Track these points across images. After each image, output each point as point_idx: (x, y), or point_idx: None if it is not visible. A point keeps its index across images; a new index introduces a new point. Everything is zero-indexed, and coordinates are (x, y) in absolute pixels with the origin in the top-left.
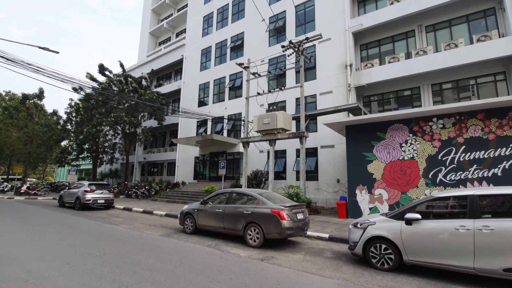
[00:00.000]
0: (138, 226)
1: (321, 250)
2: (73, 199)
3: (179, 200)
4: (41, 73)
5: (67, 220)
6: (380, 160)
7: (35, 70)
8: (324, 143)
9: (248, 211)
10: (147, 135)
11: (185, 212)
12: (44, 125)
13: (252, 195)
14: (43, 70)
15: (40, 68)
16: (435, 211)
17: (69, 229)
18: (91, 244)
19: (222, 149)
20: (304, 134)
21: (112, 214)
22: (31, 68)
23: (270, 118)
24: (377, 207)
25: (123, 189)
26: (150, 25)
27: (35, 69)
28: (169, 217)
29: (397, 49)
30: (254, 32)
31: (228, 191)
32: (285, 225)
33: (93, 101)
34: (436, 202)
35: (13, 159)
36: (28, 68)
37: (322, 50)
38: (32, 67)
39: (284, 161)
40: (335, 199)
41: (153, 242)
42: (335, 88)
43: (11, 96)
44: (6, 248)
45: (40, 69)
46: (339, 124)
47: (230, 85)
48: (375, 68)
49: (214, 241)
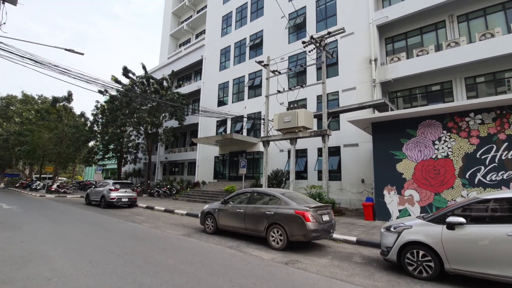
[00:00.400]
0: (160, 225)
1: (349, 255)
2: (98, 197)
3: (199, 200)
4: (67, 74)
5: (92, 218)
6: (410, 159)
7: (62, 71)
8: (347, 142)
9: (270, 211)
10: (168, 135)
11: (206, 211)
12: (72, 127)
13: (274, 195)
14: (69, 72)
15: (66, 70)
16: (482, 214)
17: (93, 227)
18: (113, 243)
19: (242, 148)
20: (327, 132)
21: (135, 213)
22: (57, 69)
23: (291, 116)
24: (408, 209)
25: (146, 188)
26: (170, 27)
27: (62, 70)
28: (190, 216)
29: (425, 42)
30: (274, 29)
31: (249, 191)
32: (310, 227)
33: (117, 102)
34: (483, 205)
35: (45, 159)
36: (55, 69)
37: (345, 45)
38: (59, 68)
39: (305, 160)
40: (359, 200)
41: (174, 242)
42: (359, 84)
43: (43, 99)
44: (36, 245)
45: (66, 71)
46: (365, 121)
47: (249, 84)
48: (402, 62)
49: (235, 242)
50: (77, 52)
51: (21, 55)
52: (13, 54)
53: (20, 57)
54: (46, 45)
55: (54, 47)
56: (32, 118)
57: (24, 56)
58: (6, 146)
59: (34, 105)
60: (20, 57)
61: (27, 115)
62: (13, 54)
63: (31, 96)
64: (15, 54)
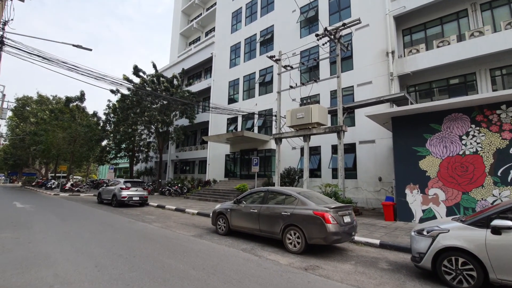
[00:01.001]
0: (170, 225)
1: (374, 260)
2: (110, 196)
3: (210, 198)
4: (76, 71)
5: (102, 217)
6: (434, 156)
7: (70, 68)
8: (363, 138)
9: (286, 212)
10: (179, 134)
11: (218, 211)
12: (85, 126)
13: (290, 194)
14: (78, 68)
15: (75, 66)
16: None
17: (103, 226)
18: (122, 244)
19: (253, 146)
20: (342, 128)
21: (145, 212)
22: (66, 66)
23: (304, 112)
24: (432, 209)
25: (157, 187)
26: (180, 26)
27: (70, 67)
28: (201, 216)
29: (446, 32)
30: (285, 24)
31: (263, 190)
32: (331, 230)
33: (128, 101)
34: None
35: (60, 158)
36: (63, 66)
37: (359, 38)
38: (68, 65)
39: (319, 158)
40: (377, 199)
41: (185, 244)
42: (375, 78)
43: (57, 100)
44: (42, 246)
45: (75, 67)
46: (384, 116)
47: (260, 81)
48: (421, 54)
49: (249, 244)
50: (85, 48)
51: (29, 52)
52: (20, 51)
53: (28, 54)
54: (53, 41)
55: (61, 43)
56: (46, 118)
57: (31, 53)
58: (23, 146)
59: (49, 105)
60: (28, 54)
61: (42, 115)
62: (20, 50)
63: (46, 96)
64: (22, 51)
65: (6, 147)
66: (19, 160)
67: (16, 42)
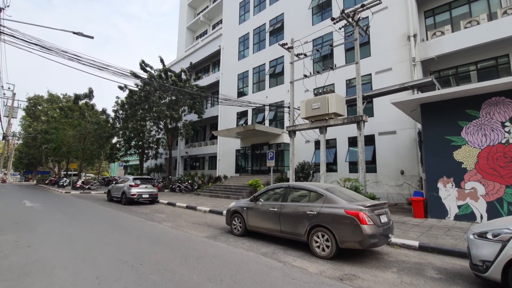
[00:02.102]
0: (182, 224)
1: (418, 266)
2: (119, 193)
3: (222, 195)
4: (77, 60)
5: (111, 216)
6: (472, 145)
7: (71, 58)
8: (382, 129)
9: (312, 211)
10: (188, 129)
11: (233, 210)
12: (94, 123)
13: (316, 191)
14: (80, 58)
15: (76, 56)
16: None
17: (110, 227)
18: (128, 248)
19: (265, 140)
20: (363, 118)
21: (156, 210)
22: (67, 55)
23: (320, 102)
24: (470, 204)
25: (167, 183)
26: (187, 20)
27: (71, 56)
28: (213, 214)
29: (474, 11)
30: (295, 11)
31: (283, 186)
32: (368, 232)
33: (136, 96)
34: None
35: (71, 155)
36: (64, 55)
37: (377, 22)
38: (68, 54)
39: (334, 151)
40: (398, 193)
41: (198, 247)
42: (395, 65)
43: (67, 98)
44: (42, 251)
45: (76, 57)
46: (412, 103)
47: (270, 72)
48: (447, 36)
49: (269, 247)
50: (86, 36)
51: (27, 40)
52: (17, 39)
53: (26, 42)
54: (52, 28)
55: (61, 30)
56: (57, 116)
57: (30, 42)
58: (35, 145)
59: (59, 104)
60: (25, 43)
61: (52, 113)
62: (16, 38)
63: (56, 95)
64: (18, 39)
65: (21, 146)
66: (33, 159)
67: (13, 30)
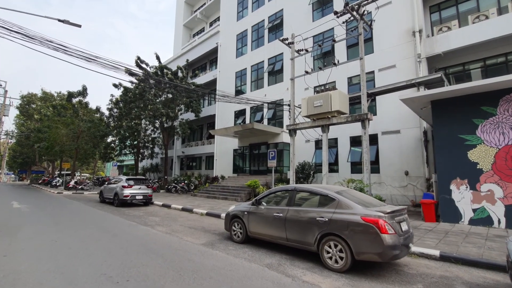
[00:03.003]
0: (176, 229)
1: (446, 281)
2: (112, 194)
3: (219, 196)
4: (63, 51)
5: (101, 219)
6: (488, 144)
7: (57, 48)
8: (386, 129)
9: (323, 217)
10: (185, 128)
11: (232, 214)
12: (87, 121)
13: (327, 194)
14: (66, 48)
15: (62, 46)
16: None
17: (98, 232)
18: (115, 259)
19: (263, 139)
20: (367, 117)
21: (149, 212)
22: (51, 45)
23: (322, 99)
24: (486, 208)
25: (163, 184)
26: (183, 17)
27: (56, 46)
28: (211, 217)
29: (483, 6)
30: (295, 7)
31: (289, 188)
32: (389, 242)
33: (130, 94)
34: None
35: (64, 154)
36: (49, 45)
37: (381, 17)
38: (54, 44)
39: (336, 151)
40: (403, 195)
41: (194, 258)
42: (399, 61)
43: (61, 96)
44: (18, 262)
45: (62, 47)
46: (422, 99)
47: (269, 70)
48: (454, 32)
49: (274, 257)
50: (73, 24)
51: (7, 28)
52: None
53: (6, 30)
54: (35, 15)
55: (45, 17)
56: (50, 114)
57: (11, 29)
58: (28, 143)
59: (53, 102)
60: (6, 30)
61: (45, 111)
62: None
63: (50, 93)
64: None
65: (14, 145)
66: (28, 158)
67: None
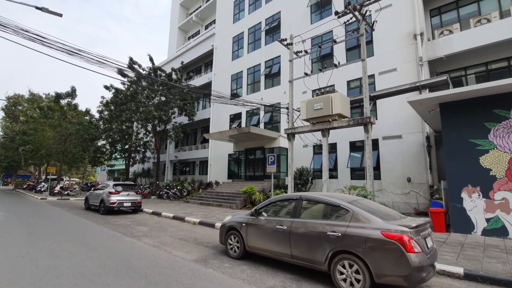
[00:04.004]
0: (165, 241)
1: None
2: (97, 201)
3: (213, 203)
4: (41, 42)
5: (82, 229)
6: (501, 149)
7: (33, 38)
8: (387, 133)
9: (335, 232)
10: (178, 131)
11: (228, 226)
12: (75, 123)
13: (339, 205)
14: (44, 39)
15: (39, 36)
16: None
17: (76, 245)
18: (89, 282)
19: (260, 144)
20: (370, 120)
21: (137, 221)
22: (27, 35)
23: (323, 102)
24: (500, 217)
25: (155, 189)
26: (179, 20)
27: (32, 36)
28: (204, 226)
29: (484, 9)
30: (293, 9)
31: (293, 197)
32: (416, 262)
33: (122, 95)
34: None
35: (51, 158)
36: (24, 35)
37: (381, 20)
38: (30, 34)
39: (335, 156)
40: (405, 202)
41: (183, 279)
42: (400, 65)
43: (50, 98)
44: None
45: (39, 37)
46: (430, 102)
47: (266, 73)
48: (456, 35)
49: (277, 276)
50: (53, 13)
51: None
52: None
53: None
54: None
55: (19, 3)
56: (36, 116)
57: None
58: (13, 146)
59: (40, 104)
60: None
61: (31, 113)
62: None
63: (38, 95)
64: None
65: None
66: (13, 162)
67: None
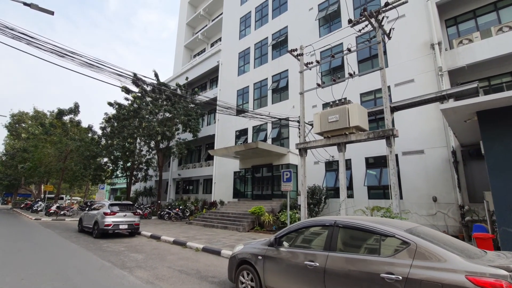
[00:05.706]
0: (162, 275)
1: None
2: (91, 223)
3: (218, 224)
4: (32, 44)
5: (67, 258)
6: None
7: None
8: (407, 149)
9: (393, 273)
10: (181, 148)
11: (240, 259)
12: (76, 140)
13: (394, 234)
14: (32, 39)
15: (28, 36)
16: None
17: (54, 279)
18: None
19: (268, 161)
20: (393, 133)
21: (133, 247)
22: (13, 34)
23: (338, 114)
24: None
25: (156, 209)
26: (185, 39)
27: (18, 36)
28: (208, 253)
29: (504, 18)
30: (300, 24)
31: (326, 223)
32: None
33: (124, 111)
34: None
35: (50, 176)
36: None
37: (394, 30)
38: (15, 33)
39: (350, 173)
40: (432, 225)
41: None
42: (418, 75)
43: (54, 115)
44: None
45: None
46: (467, 109)
47: (273, 87)
48: (478, 43)
49: None
50: (46, 11)
51: None
52: None
53: None
54: None
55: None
56: (37, 133)
57: None
58: (13, 164)
59: (43, 120)
60: None
61: (33, 130)
62: None
63: (43, 112)
64: None
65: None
66: (15, 180)
67: None
